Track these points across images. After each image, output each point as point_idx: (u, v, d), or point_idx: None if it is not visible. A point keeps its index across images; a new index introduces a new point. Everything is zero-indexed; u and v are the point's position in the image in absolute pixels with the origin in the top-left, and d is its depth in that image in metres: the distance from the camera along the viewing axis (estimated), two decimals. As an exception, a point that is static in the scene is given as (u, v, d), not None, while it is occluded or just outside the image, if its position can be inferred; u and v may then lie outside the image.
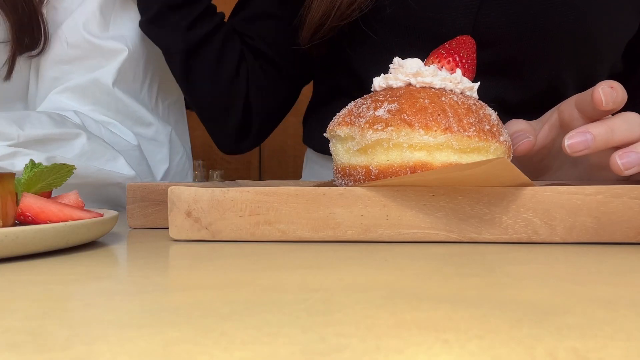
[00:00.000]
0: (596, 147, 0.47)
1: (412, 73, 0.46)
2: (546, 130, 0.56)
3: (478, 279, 0.31)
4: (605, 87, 0.48)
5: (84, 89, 0.75)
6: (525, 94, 0.73)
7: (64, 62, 0.75)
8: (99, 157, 0.68)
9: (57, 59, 0.75)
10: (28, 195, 0.42)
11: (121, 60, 0.76)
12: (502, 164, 0.39)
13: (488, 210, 0.42)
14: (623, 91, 0.49)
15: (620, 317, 0.24)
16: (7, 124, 0.63)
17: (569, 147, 0.46)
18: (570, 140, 0.47)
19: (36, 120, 0.65)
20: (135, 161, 0.75)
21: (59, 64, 0.75)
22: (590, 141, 0.46)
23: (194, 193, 0.44)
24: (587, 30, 0.70)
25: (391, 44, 0.72)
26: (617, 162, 0.45)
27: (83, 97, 0.75)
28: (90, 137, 0.68)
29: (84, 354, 0.20)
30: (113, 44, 0.76)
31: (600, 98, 0.48)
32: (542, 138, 0.56)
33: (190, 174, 0.88)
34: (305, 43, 0.73)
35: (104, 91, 0.75)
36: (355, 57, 0.75)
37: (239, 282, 0.31)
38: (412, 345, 0.20)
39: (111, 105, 0.76)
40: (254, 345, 0.20)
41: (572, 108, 0.53)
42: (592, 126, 0.47)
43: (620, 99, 0.48)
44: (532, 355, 0.19)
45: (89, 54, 0.75)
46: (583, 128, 0.47)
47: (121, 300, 0.28)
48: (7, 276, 0.33)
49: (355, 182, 0.46)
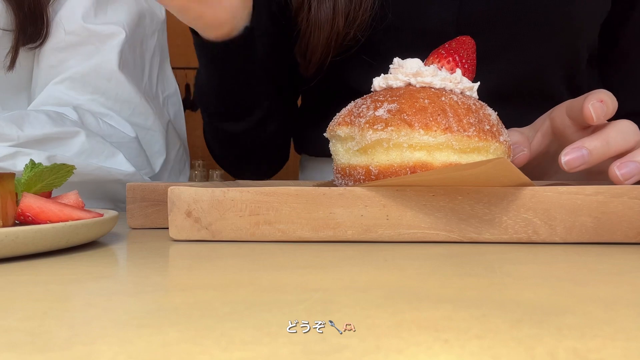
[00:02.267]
0: (593, 162, 0.47)
1: (412, 73, 0.46)
2: (539, 137, 0.56)
3: (478, 279, 0.31)
4: (594, 102, 0.48)
5: (83, 77, 0.75)
6: (512, 80, 0.75)
7: (60, 49, 0.75)
8: (98, 154, 0.68)
9: (54, 47, 0.75)
10: (28, 195, 0.42)
11: (119, 42, 0.76)
12: (502, 164, 0.39)
13: (488, 210, 0.42)
14: (613, 101, 0.49)
15: (620, 317, 0.24)
16: (7, 125, 0.63)
17: (566, 164, 0.47)
18: (567, 157, 0.47)
19: (35, 120, 0.65)
20: (134, 153, 0.75)
21: (55, 52, 0.75)
22: (587, 156, 0.47)
23: (194, 193, 0.44)
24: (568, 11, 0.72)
25: (378, 45, 0.72)
26: (616, 172, 0.45)
27: (82, 86, 0.75)
28: (89, 135, 0.68)
29: (84, 354, 0.20)
30: (109, 27, 0.76)
31: (590, 114, 0.48)
32: (536, 145, 0.57)
33: (187, 168, 0.88)
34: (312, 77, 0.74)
35: (106, 77, 0.75)
36: (345, 64, 0.76)
37: (239, 282, 0.31)
38: (412, 345, 0.20)
39: (111, 93, 0.75)
40: (254, 345, 0.20)
41: (564, 116, 0.53)
42: (588, 140, 0.47)
43: (610, 111, 0.49)
44: (532, 355, 0.19)
45: (85, 39, 0.75)
46: (579, 143, 0.47)
47: (121, 300, 0.28)
48: (7, 276, 0.33)
49: (355, 182, 0.46)
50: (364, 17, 0.69)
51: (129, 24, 0.77)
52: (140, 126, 0.78)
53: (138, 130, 0.78)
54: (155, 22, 0.83)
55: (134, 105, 0.77)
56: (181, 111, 0.89)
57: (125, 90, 0.76)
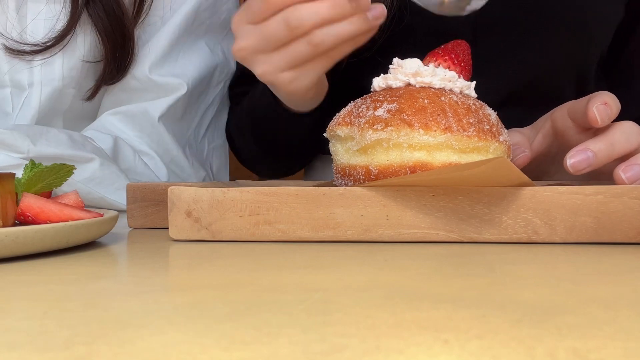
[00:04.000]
0: (598, 164, 0.47)
1: (411, 73, 0.46)
2: (540, 138, 0.57)
3: (478, 279, 0.31)
4: (599, 104, 0.48)
5: (133, 116, 0.76)
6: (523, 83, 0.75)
7: (125, 90, 0.77)
8: (108, 184, 0.69)
9: (120, 87, 0.77)
10: (28, 195, 0.42)
11: (177, 97, 0.77)
12: (502, 164, 0.39)
13: (488, 210, 0.42)
14: (616, 103, 0.49)
15: (620, 317, 0.24)
16: (21, 138, 0.63)
17: (572, 167, 0.46)
18: (572, 160, 0.47)
19: (53, 138, 0.66)
20: None
21: (119, 91, 0.77)
22: (592, 158, 0.46)
23: (194, 193, 0.44)
24: (583, 17, 0.73)
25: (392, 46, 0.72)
26: (622, 176, 0.45)
27: (132, 123, 0.76)
28: (104, 164, 0.68)
29: (84, 354, 0.20)
30: (173, 80, 0.77)
31: (595, 117, 0.48)
32: (537, 146, 0.57)
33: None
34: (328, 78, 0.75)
35: (150, 123, 0.77)
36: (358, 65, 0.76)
37: (239, 282, 0.31)
38: (412, 345, 0.20)
39: (154, 138, 0.77)
40: (254, 345, 0.20)
41: (565, 117, 0.53)
42: (592, 143, 0.47)
43: (614, 112, 0.49)
44: (532, 355, 0.19)
45: (147, 88, 0.77)
46: (583, 146, 0.47)
47: (121, 300, 0.28)
48: (7, 276, 0.33)
49: (355, 182, 0.46)
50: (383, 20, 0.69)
51: (194, 78, 0.78)
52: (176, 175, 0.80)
53: (173, 177, 0.79)
54: (224, 74, 0.83)
55: (172, 155, 0.79)
56: (226, 163, 0.89)
57: (165, 140, 0.78)
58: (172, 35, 0.77)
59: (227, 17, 0.82)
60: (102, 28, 0.73)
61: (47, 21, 0.72)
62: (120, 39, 0.73)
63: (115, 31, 0.73)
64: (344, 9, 0.53)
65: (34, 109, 0.74)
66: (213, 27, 0.81)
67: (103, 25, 0.72)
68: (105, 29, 0.72)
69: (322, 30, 0.53)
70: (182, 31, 0.77)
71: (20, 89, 0.74)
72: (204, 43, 0.80)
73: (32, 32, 0.72)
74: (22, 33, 0.72)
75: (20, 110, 0.74)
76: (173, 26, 0.77)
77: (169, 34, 0.77)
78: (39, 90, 0.74)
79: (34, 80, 0.73)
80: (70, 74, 0.74)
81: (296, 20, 0.53)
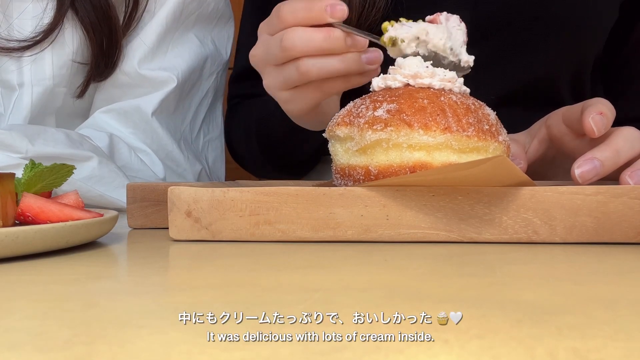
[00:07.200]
0: (605, 172, 0.47)
1: (410, 74, 0.46)
2: (536, 144, 0.57)
3: (478, 279, 0.31)
4: (594, 115, 0.48)
5: (125, 113, 0.76)
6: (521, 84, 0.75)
7: (115, 86, 0.77)
8: (107, 182, 0.68)
9: (110, 83, 0.77)
10: (28, 195, 0.42)
11: (167, 91, 0.76)
12: (502, 163, 0.39)
13: (488, 210, 0.42)
14: (612, 111, 0.49)
15: (620, 317, 0.24)
16: (19, 138, 0.63)
17: (580, 177, 0.46)
18: (580, 170, 0.46)
19: (51, 137, 0.66)
20: None
21: (111, 88, 0.77)
22: (599, 167, 0.46)
23: (194, 193, 0.44)
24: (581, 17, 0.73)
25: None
26: (629, 182, 0.45)
27: (125, 120, 0.76)
28: (102, 162, 0.68)
29: (84, 354, 0.20)
30: (162, 74, 0.76)
31: (591, 128, 0.48)
32: (533, 152, 0.57)
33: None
34: None
35: (143, 119, 0.76)
36: None
37: (239, 282, 0.31)
38: (412, 345, 0.20)
39: (148, 134, 0.77)
40: (254, 345, 0.20)
41: (560, 124, 0.54)
42: (598, 151, 0.47)
43: (610, 121, 0.49)
44: (532, 355, 0.19)
45: (137, 83, 0.76)
46: (589, 155, 0.47)
47: (121, 300, 0.28)
48: (7, 276, 0.33)
49: (355, 183, 0.46)
50: (375, 17, 0.68)
51: (184, 71, 0.78)
52: (172, 170, 0.79)
53: (169, 173, 0.79)
54: (216, 64, 0.83)
55: (167, 151, 0.78)
56: (222, 155, 0.89)
57: (159, 135, 0.77)
58: (160, 29, 0.76)
59: (216, 6, 0.81)
60: (88, 22, 0.72)
61: (34, 20, 0.72)
62: (107, 32, 0.73)
63: (101, 24, 0.72)
64: (338, 44, 0.51)
65: (26, 109, 0.74)
66: (202, 18, 0.80)
67: (89, 18, 0.72)
68: (91, 22, 0.72)
69: (310, 59, 0.52)
70: (170, 23, 0.77)
71: (10, 89, 0.74)
72: (193, 35, 0.79)
73: (19, 29, 0.72)
74: (9, 30, 0.72)
75: (12, 110, 0.74)
76: (161, 19, 0.76)
77: (157, 27, 0.76)
78: (30, 90, 0.73)
79: (24, 80, 0.73)
80: (60, 72, 0.74)
81: (288, 42, 0.52)
